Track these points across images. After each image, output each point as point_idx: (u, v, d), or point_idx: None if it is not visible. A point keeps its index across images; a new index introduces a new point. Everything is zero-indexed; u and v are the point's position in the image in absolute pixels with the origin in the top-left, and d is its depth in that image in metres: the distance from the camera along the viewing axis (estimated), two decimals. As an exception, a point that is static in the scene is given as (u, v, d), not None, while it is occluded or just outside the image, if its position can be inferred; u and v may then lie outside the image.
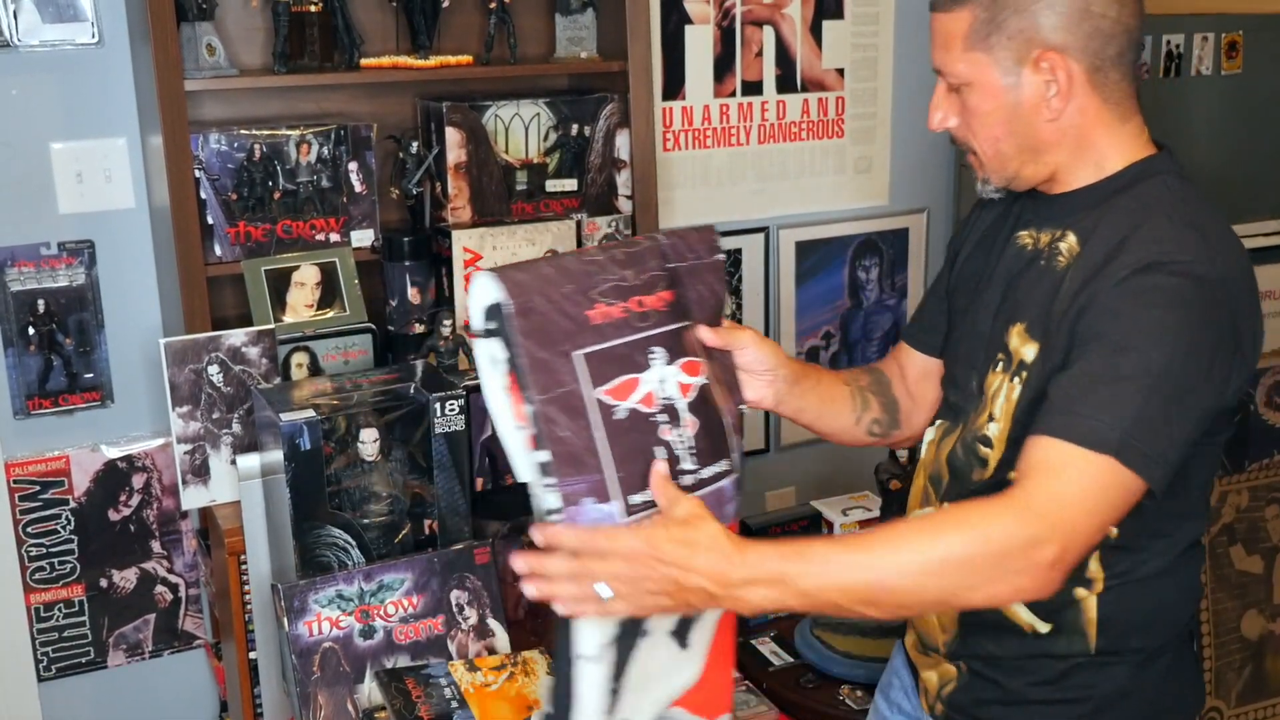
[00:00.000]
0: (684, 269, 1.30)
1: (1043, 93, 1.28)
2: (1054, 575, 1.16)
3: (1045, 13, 1.25)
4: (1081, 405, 1.19)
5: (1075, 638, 1.35)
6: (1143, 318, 1.20)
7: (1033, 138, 1.31)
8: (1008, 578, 1.15)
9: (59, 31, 2.14)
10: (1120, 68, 1.28)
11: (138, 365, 2.31)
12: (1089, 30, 1.25)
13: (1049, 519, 1.15)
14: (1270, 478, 2.73)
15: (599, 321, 1.19)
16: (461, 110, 2.20)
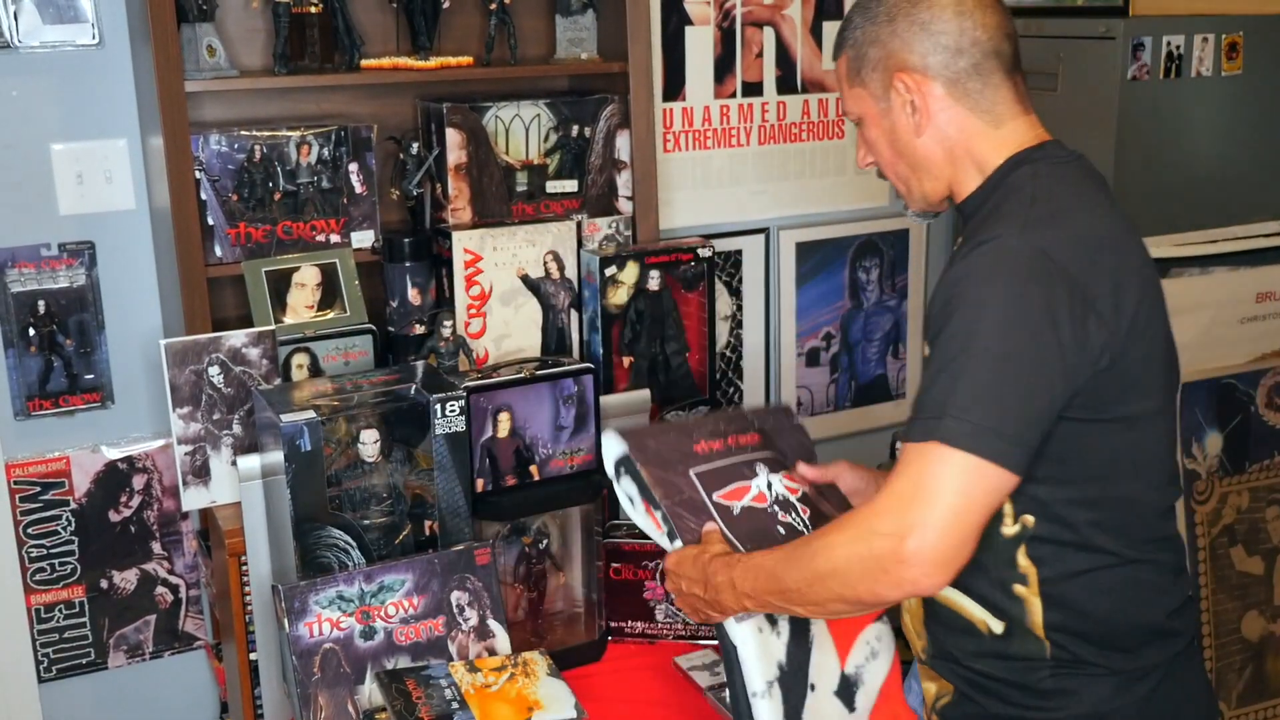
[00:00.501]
0: (769, 426, 1.62)
1: (907, 111, 1.39)
2: (924, 568, 1.22)
3: (894, 40, 1.38)
4: (918, 406, 1.26)
5: (1029, 639, 1.36)
6: (962, 300, 1.25)
7: (914, 155, 1.41)
8: (880, 574, 1.25)
9: (59, 32, 2.14)
10: (981, 77, 1.37)
11: (138, 366, 2.31)
12: (933, 47, 1.36)
13: (899, 515, 1.23)
14: (1270, 479, 2.73)
15: (703, 451, 1.56)
16: (462, 111, 2.20)
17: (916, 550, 1.21)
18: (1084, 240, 1.29)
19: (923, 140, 1.40)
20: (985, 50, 1.36)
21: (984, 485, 1.22)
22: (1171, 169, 2.60)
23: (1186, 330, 2.59)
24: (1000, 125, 1.38)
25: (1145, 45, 2.49)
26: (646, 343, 2.27)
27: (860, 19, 1.42)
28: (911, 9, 1.37)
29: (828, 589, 1.30)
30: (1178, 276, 2.59)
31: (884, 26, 1.39)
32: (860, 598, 1.29)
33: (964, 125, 1.38)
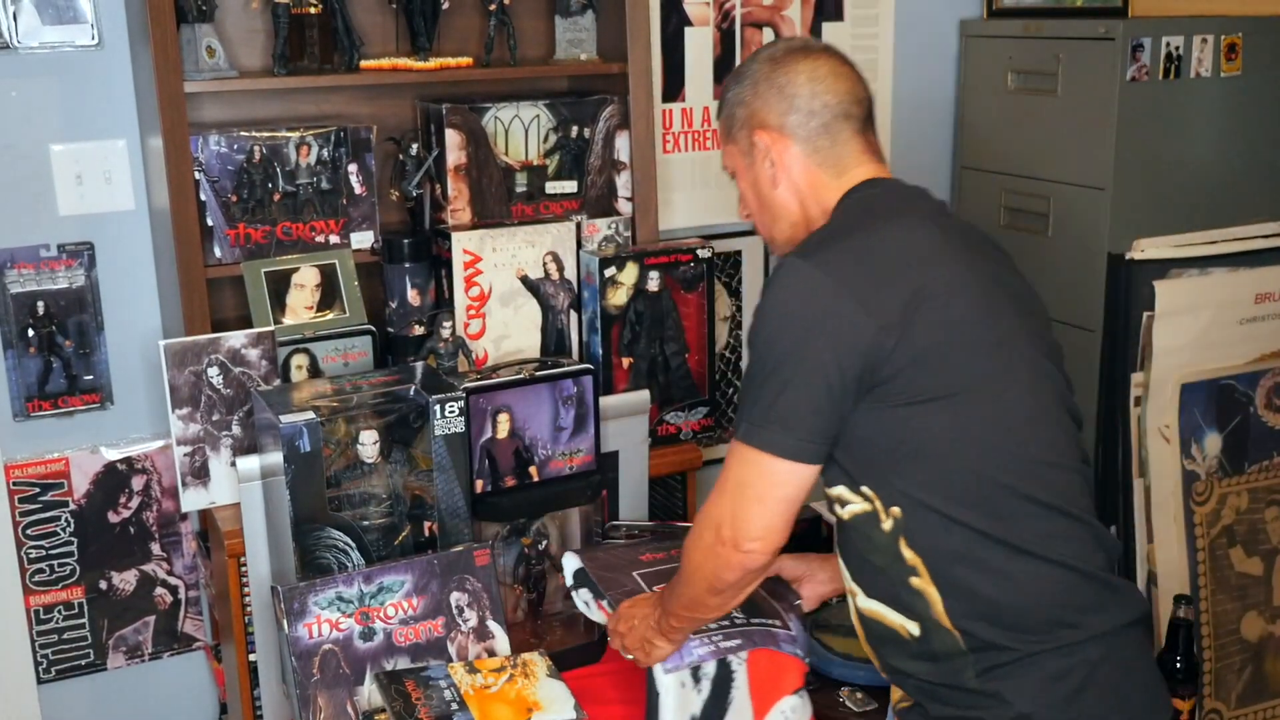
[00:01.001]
0: None
1: (766, 165, 1.57)
2: (740, 547, 1.44)
3: (756, 101, 1.56)
4: (739, 406, 1.47)
5: (942, 634, 1.43)
6: (755, 317, 1.46)
7: (774, 205, 1.59)
8: (715, 560, 1.48)
9: (59, 33, 2.14)
10: (830, 135, 1.55)
11: (137, 367, 2.31)
12: (788, 109, 1.54)
13: (714, 507, 1.47)
14: (1270, 479, 2.73)
15: (647, 560, 1.86)
16: (461, 112, 2.20)
17: (731, 535, 1.45)
18: (859, 250, 1.44)
19: (779, 191, 1.57)
20: (835, 113, 1.54)
21: (780, 477, 1.42)
22: (1171, 170, 2.60)
23: (1185, 331, 2.60)
24: (842, 175, 1.55)
25: (1144, 46, 2.49)
26: (646, 343, 2.27)
27: (733, 84, 1.61)
28: (771, 75, 1.55)
29: (696, 584, 1.54)
30: (1177, 277, 2.59)
31: (748, 90, 1.58)
32: (714, 585, 1.51)
33: (813, 178, 1.56)
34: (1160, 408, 2.60)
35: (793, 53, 1.57)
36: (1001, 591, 1.41)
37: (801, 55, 1.56)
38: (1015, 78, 2.74)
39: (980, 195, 2.88)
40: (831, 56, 1.57)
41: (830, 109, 1.54)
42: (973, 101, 2.88)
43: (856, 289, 1.39)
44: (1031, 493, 1.43)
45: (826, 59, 1.56)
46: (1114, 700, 1.43)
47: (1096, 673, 1.41)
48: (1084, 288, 2.62)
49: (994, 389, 1.43)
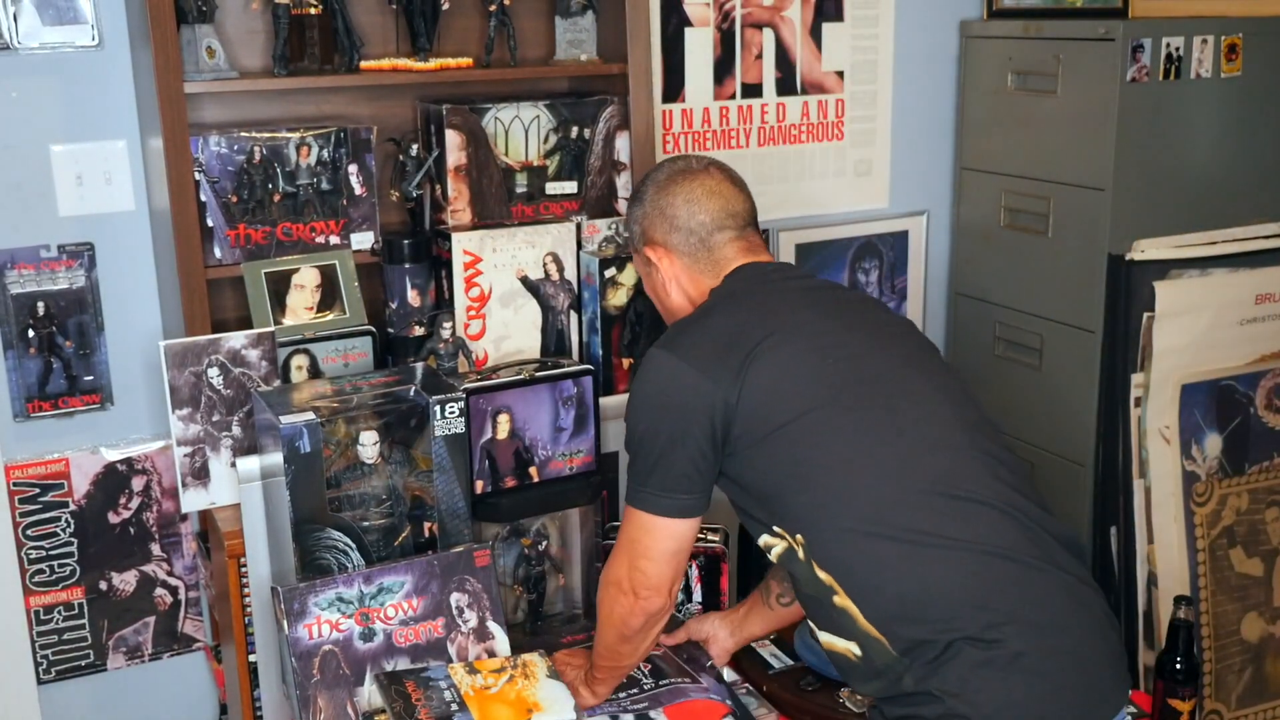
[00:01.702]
0: None
1: (658, 276, 1.77)
2: (639, 596, 1.62)
3: (645, 220, 1.78)
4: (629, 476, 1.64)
5: (875, 646, 1.50)
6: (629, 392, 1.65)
7: (670, 306, 1.79)
8: (620, 610, 1.65)
9: (59, 34, 2.14)
10: (707, 246, 1.73)
11: (138, 368, 2.31)
12: (669, 229, 1.74)
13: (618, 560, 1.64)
14: (1270, 480, 2.73)
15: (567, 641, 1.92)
16: (461, 113, 2.20)
17: (632, 588, 1.62)
18: (709, 331, 1.62)
19: (672, 295, 1.77)
20: (709, 229, 1.73)
21: (664, 531, 1.60)
22: (1171, 170, 2.60)
23: (1185, 331, 2.60)
24: (719, 274, 1.73)
25: (1144, 47, 2.49)
26: (646, 344, 2.27)
27: (633, 204, 1.81)
28: (657, 198, 1.76)
29: (608, 633, 1.69)
30: (1177, 278, 2.59)
31: (639, 209, 1.79)
32: (624, 634, 1.67)
33: (697, 282, 1.75)
34: (1160, 408, 2.60)
35: (674, 177, 1.76)
36: (904, 584, 1.48)
37: (682, 179, 1.75)
38: (1015, 78, 2.74)
39: (980, 196, 2.88)
40: (710, 176, 1.76)
41: (705, 226, 1.73)
42: (973, 102, 2.88)
43: (700, 364, 1.56)
44: (909, 484, 1.51)
45: (704, 180, 1.75)
46: (1048, 686, 1.44)
47: (1020, 661, 1.43)
48: (1084, 288, 2.62)
49: (846, 400, 1.55)
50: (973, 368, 2.96)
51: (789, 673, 1.97)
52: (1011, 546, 1.49)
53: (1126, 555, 2.63)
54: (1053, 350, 2.72)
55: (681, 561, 1.64)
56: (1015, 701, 1.43)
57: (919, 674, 1.47)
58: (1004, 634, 1.44)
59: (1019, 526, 1.51)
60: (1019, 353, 2.81)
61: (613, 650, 1.72)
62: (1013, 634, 1.44)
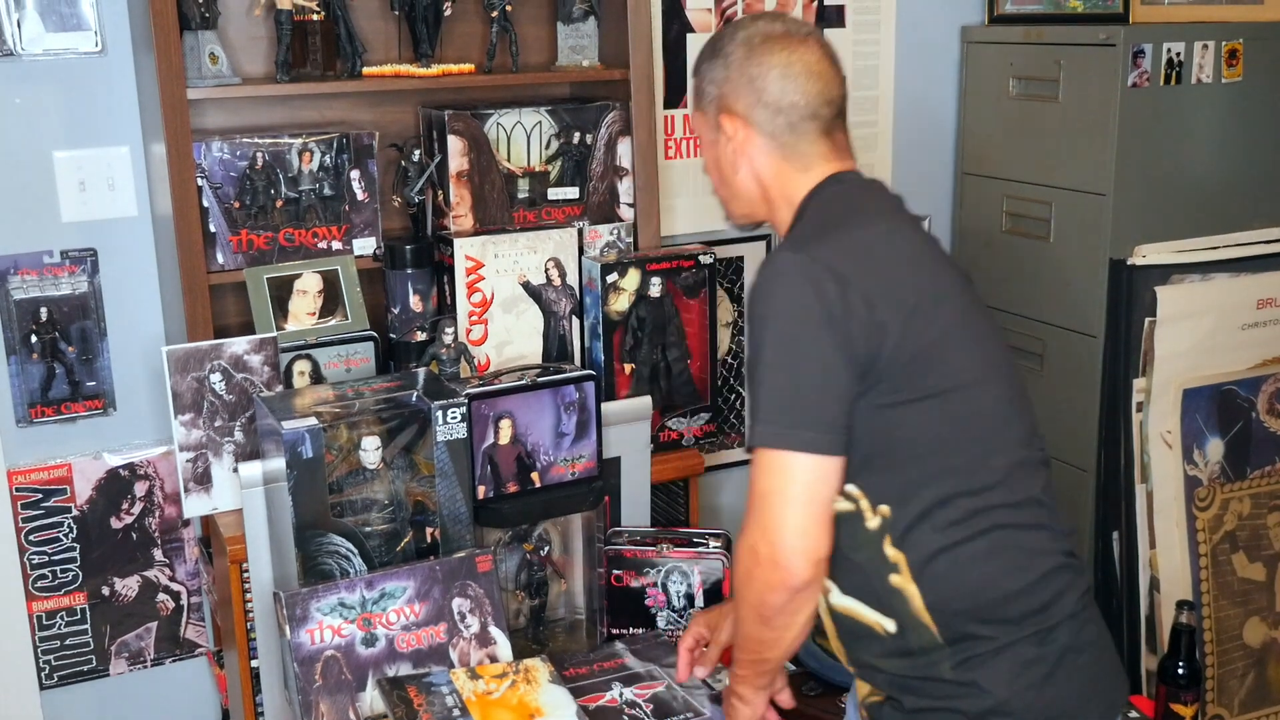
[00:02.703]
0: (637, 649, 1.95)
1: (729, 149, 1.57)
2: (785, 565, 1.36)
3: (726, 85, 1.55)
4: (750, 412, 1.41)
5: (920, 630, 1.43)
6: (752, 317, 1.41)
7: (732, 185, 1.60)
8: (760, 584, 1.40)
9: (62, 40, 2.14)
10: (796, 134, 1.52)
11: (140, 373, 2.31)
12: (756, 102, 1.52)
13: (750, 528, 1.39)
14: (1272, 485, 2.73)
15: (570, 675, 1.84)
16: (463, 118, 2.21)
17: (768, 554, 1.37)
18: (855, 245, 1.43)
19: (740, 175, 1.57)
20: (802, 114, 1.52)
21: (805, 475, 1.36)
22: (1172, 176, 2.60)
23: (1187, 336, 2.60)
24: (809, 169, 1.54)
25: (1145, 52, 2.49)
26: (648, 349, 2.27)
27: (708, 57, 1.59)
28: (745, 62, 1.53)
29: (745, 618, 1.47)
30: (1178, 283, 2.60)
31: (720, 70, 1.55)
32: (762, 613, 1.43)
33: (777, 170, 1.55)
34: (1162, 413, 2.60)
35: (770, 40, 1.53)
36: (984, 584, 1.42)
37: (779, 45, 1.52)
38: (1016, 84, 2.74)
39: (982, 201, 2.88)
40: (809, 50, 1.53)
41: (798, 109, 1.52)
42: (974, 107, 2.88)
43: (859, 284, 1.38)
44: (1013, 484, 1.45)
45: (803, 53, 1.52)
46: (1081, 680, 1.45)
47: (1065, 656, 1.44)
48: (1086, 293, 2.62)
49: (978, 387, 1.45)
50: (974, 373, 2.96)
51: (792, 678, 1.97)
52: (1067, 547, 1.50)
53: (1128, 560, 2.63)
54: (1054, 355, 2.72)
55: (828, 514, 1.39)
56: (1060, 696, 1.43)
57: (964, 664, 1.42)
58: (1056, 634, 1.44)
59: (1065, 526, 1.51)
60: (1021, 358, 2.81)
61: (753, 639, 1.49)
62: (1061, 633, 1.44)
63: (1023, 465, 1.48)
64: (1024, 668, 1.42)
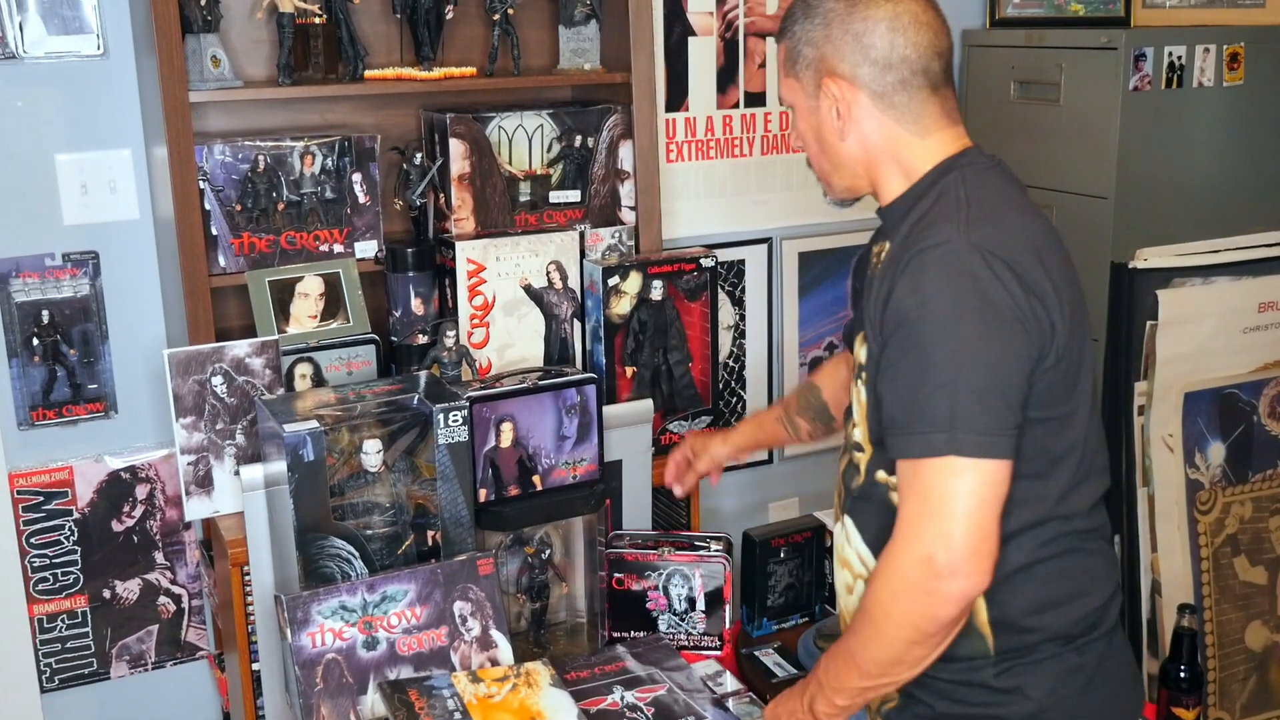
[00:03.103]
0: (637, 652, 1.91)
1: (833, 114, 1.44)
2: (963, 573, 1.27)
3: (827, 45, 1.42)
4: (914, 421, 1.30)
5: (974, 639, 1.39)
6: (928, 309, 1.28)
7: (836, 154, 1.47)
8: (927, 598, 1.29)
9: (64, 43, 2.15)
10: (908, 92, 1.41)
11: (141, 376, 2.31)
12: (862, 60, 1.41)
13: (921, 536, 1.28)
14: (1274, 488, 2.72)
15: (571, 679, 1.82)
16: (465, 122, 2.21)
17: (948, 561, 1.27)
18: (1019, 238, 1.34)
19: (846, 143, 1.46)
20: (913, 68, 1.41)
21: (995, 481, 1.28)
22: (1173, 179, 2.60)
23: (1189, 340, 2.60)
24: (926, 136, 1.43)
25: (1147, 56, 2.49)
26: (649, 353, 2.27)
27: (802, 18, 1.46)
28: (848, 18, 1.41)
29: (894, 638, 1.33)
30: (1180, 286, 2.59)
31: (820, 30, 1.43)
32: (924, 629, 1.31)
33: (890, 134, 1.44)
34: (1164, 417, 2.60)
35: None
36: (1049, 605, 1.40)
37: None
38: (1018, 87, 2.74)
39: (983, 204, 2.88)
40: (915, 1, 1.42)
41: (909, 63, 1.40)
42: (976, 111, 2.88)
43: (1034, 282, 1.30)
44: (1093, 513, 1.44)
45: (909, 3, 1.41)
46: (1114, 689, 1.45)
47: (1103, 665, 1.43)
48: (1087, 297, 2.61)
49: (1084, 413, 1.40)
50: (976, 376, 2.96)
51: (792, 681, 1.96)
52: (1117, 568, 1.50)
53: (1130, 563, 2.63)
54: (1056, 359, 2.72)
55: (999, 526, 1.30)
56: (1096, 704, 1.43)
57: (1008, 672, 1.40)
58: (1097, 645, 1.44)
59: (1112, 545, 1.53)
60: (1022, 361, 2.80)
61: (891, 662, 1.36)
62: (1101, 643, 1.44)
63: (1095, 495, 1.45)
64: (1067, 675, 1.41)
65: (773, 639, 2.26)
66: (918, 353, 1.29)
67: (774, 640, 2.21)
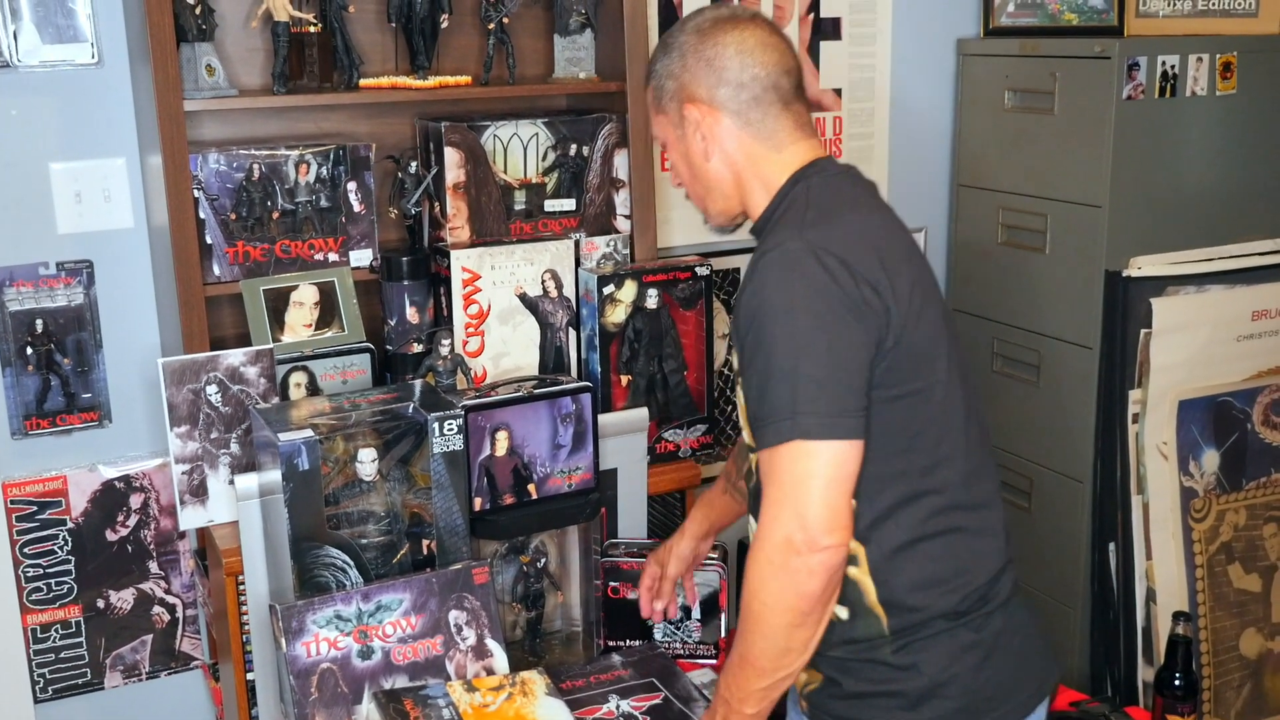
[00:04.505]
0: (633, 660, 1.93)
1: (698, 138, 1.56)
2: (818, 555, 1.35)
3: (685, 74, 1.56)
4: (765, 413, 1.38)
5: (869, 619, 1.48)
6: (766, 309, 1.38)
7: (706, 177, 1.59)
8: (795, 574, 1.36)
9: (59, 52, 2.14)
10: (761, 108, 1.54)
11: (136, 385, 2.31)
12: (717, 83, 1.54)
13: (781, 519, 1.36)
14: (1267, 496, 2.73)
15: (567, 688, 1.83)
16: (460, 130, 2.21)
17: (805, 539, 1.35)
18: (854, 235, 1.44)
19: (713, 164, 1.57)
20: (764, 85, 1.53)
21: (842, 460, 1.36)
22: (1167, 187, 2.61)
23: (1182, 348, 2.60)
24: (782, 150, 1.55)
25: (1140, 65, 2.50)
26: (644, 361, 2.27)
27: (661, 56, 1.60)
28: (700, 47, 1.55)
29: (775, 625, 1.39)
30: (1174, 294, 2.60)
31: (677, 62, 1.57)
32: (799, 608, 1.38)
33: (750, 151, 1.55)
34: (1158, 424, 2.60)
35: (720, 23, 1.55)
36: (935, 582, 1.47)
37: (729, 26, 1.55)
38: (1012, 96, 2.75)
39: (978, 213, 2.89)
40: (759, 26, 1.56)
41: (760, 81, 1.53)
42: (970, 120, 2.89)
43: (865, 273, 1.39)
44: (971, 486, 1.51)
45: (754, 29, 1.55)
46: (1015, 662, 1.52)
47: (999, 640, 1.51)
48: (1081, 305, 2.63)
49: (947, 388, 1.48)
50: (970, 384, 2.96)
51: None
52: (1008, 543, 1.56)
53: (1125, 571, 2.63)
54: (1051, 367, 2.72)
55: (851, 495, 1.39)
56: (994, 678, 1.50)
57: (905, 649, 1.48)
58: (992, 620, 1.51)
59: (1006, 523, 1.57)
60: (1017, 369, 2.81)
61: (779, 650, 1.41)
62: (996, 618, 1.51)
63: (980, 468, 1.53)
64: (962, 652, 1.48)
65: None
66: (763, 349, 1.38)
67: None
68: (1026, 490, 2.80)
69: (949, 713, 1.47)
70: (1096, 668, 2.69)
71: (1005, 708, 1.51)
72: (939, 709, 1.47)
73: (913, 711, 1.47)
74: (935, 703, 1.47)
